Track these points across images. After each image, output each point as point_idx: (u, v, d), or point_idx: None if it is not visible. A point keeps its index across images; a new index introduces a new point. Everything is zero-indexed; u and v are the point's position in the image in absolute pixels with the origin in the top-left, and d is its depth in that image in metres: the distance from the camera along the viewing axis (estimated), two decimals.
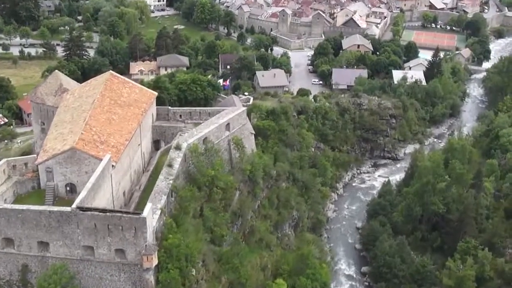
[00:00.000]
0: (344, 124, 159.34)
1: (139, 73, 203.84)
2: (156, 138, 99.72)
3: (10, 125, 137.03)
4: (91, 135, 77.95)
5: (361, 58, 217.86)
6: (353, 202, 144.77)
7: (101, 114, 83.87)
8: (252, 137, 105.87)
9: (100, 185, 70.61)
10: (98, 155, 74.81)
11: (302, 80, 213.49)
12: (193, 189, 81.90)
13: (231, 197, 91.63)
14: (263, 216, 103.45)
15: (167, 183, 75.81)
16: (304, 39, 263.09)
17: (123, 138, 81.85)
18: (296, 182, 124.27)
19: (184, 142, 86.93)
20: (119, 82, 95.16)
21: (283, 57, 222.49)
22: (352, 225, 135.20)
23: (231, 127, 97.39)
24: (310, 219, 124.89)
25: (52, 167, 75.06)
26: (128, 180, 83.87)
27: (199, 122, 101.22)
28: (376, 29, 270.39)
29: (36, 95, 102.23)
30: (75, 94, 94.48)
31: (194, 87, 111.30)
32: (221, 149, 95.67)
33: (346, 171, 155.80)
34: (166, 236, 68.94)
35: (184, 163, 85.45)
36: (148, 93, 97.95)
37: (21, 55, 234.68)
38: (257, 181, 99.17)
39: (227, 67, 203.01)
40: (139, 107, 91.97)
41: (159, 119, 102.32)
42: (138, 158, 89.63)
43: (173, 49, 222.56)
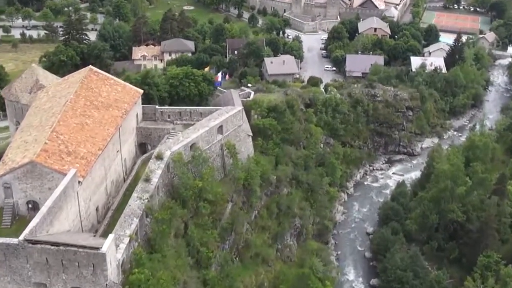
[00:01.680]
0: (356, 117, 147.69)
1: (142, 59, 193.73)
2: (141, 141, 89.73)
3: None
4: (57, 145, 68.09)
5: (377, 43, 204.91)
6: (364, 204, 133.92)
7: (73, 118, 73.94)
8: (250, 139, 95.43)
9: (61, 207, 60.91)
10: (63, 169, 65.00)
11: (314, 65, 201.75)
12: (174, 206, 72.01)
13: (221, 210, 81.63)
14: (260, 228, 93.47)
15: (140, 202, 65.77)
16: (319, 21, 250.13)
17: (96, 147, 71.87)
18: (301, 185, 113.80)
19: (167, 150, 76.81)
20: (99, 79, 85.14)
21: (295, 41, 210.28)
22: (362, 230, 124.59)
23: (225, 129, 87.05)
24: (316, 225, 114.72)
25: (10, 182, 65.44)
26: (103, 193, 74.13)
27: (189, 123, 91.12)
28: (395, 11, 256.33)
29: (10, 91, 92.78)
30: (49, 92, 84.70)
31: (187, 82, 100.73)
32: (213, 155, 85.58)
33: (358, 168, 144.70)
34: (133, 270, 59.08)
35: (167, 174, 75.49)
36: (132, 91, 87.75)
37: (22, 38, 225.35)
38: (254, 190, 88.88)
39: (234, 52, 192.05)
40: (119, 108, 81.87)
41: (146, 119, 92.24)
42: (117, 166, 79.74)
43: (179, 32, 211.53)
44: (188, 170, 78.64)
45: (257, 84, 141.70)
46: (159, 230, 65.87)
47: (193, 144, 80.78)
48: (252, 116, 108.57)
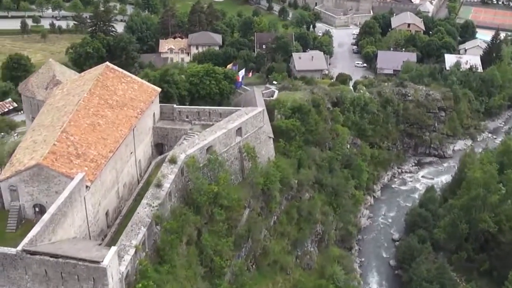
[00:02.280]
0: (385, 117, 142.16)
1: (168, 52, 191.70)
2: (157, 141, 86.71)
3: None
4: (66, 147, 65.32)
5: (410, 39, 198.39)
6: (391, 208, 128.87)
7: (85, 118, 71.10)
8: (271, 141, 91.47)
9: (66, 213, 58.10)
10: (70, 173, 62.21)
11: (345, 61, 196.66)
12: (187, 213, 68.70)
13: (237, 216, 78.02)
14: (279, 234, 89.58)
15: (149, 210, 62.57)
16: (351, 15, 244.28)
17: (107, 149, 68.94)
18: (325, 188, 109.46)
19: (182, 153, 73.41)
20: (115, 76, 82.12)
21: (325, 36, 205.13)
22: (388, 236, 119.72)
23: (244, 131, 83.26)
24: (339, 230, 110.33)
25: (17, 185, 62.96)
26: (113, 197, 71.25)
27: (208, 123, 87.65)
28: (430, 6, 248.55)
29: (26, 87, 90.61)
30: (64, 90, 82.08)
31: (207, 80, 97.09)
32: (231, 158, 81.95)
33: (386, 170, 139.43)
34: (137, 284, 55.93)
35: (181, 179, 72.16)
36: (149, 90, 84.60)
37: (51, 28, 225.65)
38: (273, 195, 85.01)
39: (262, 46, 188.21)
40: (134, 107, 78.81)
41: (164, 118, 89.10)
42: (130, 168, 76.82)
43: (207, 25, 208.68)
44: (204, 175, 75.23)
45: (283, 81, 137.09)
46: (168, 240, 62.59)
47: (210, 147, 77.23)
48: (275, 116, 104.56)
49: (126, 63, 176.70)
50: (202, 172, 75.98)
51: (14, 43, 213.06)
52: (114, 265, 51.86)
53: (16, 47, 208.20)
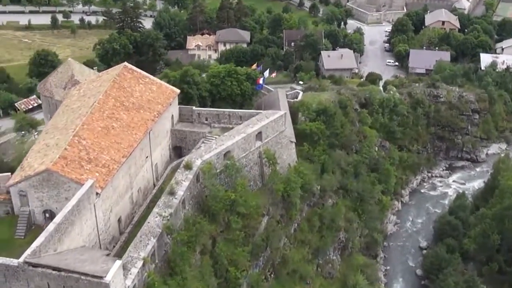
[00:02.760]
0: (416, 119, 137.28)
1: (196, 48, 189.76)
2: (176, 144, 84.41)
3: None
4: (77, 151, 63.38)
5: (445, 37, 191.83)
6: (420, 214, 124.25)
7: (99, 121, 69.11)
8: (293, 146, 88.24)
9: (73, 222, 56.15)
10: (80, 179, 60.22)
11: (376, 59, 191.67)
12: (201, 221, 66.14)
13: (255, 225, 75.18)
14: (299, 242, 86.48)
15: (160, 220, 60.14)
16: (383, 12, 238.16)
17: (120, 154, 66.81)
18: (350, 194, 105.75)
19: (198, 158, 70.84)
20: (133, 77, 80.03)
21: (356, 33, 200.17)
22: (415, 244, 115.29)
23: (264, 135, 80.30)
24: (364, 237, 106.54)
25: (26, 190, 61.34)
26: (127, 203, 69.17)
27: (227, 126, 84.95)
28: (466, 2, 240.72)
29: (45, 86, 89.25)
30: (80, 90, 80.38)
31: (229, 81, 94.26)
32: (250, 163, 79.11)
33: (415, 174, 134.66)
34: None
35: (196, 185, 69.63)
36: (167, 91, 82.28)
37: (81, 23, 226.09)
38: (293, 202, 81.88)
39: (291, 44, 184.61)
40: (151, 109, 76.55)
41: (183, 120, 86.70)
42: (145, 173, 74.68)
43: (236, 22, 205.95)
44: (220, 181, 72.67)
45: (310, 81, 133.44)
46: (179, 252, 60.08)
47: (228, 152, 74.51)
48: (299, 118, 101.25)
49: (153, 59, 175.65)
50: (219, 178, 73.47)
51: (44, 38, 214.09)
52: (119, 280, 49.63)
53: (46, 42, 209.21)
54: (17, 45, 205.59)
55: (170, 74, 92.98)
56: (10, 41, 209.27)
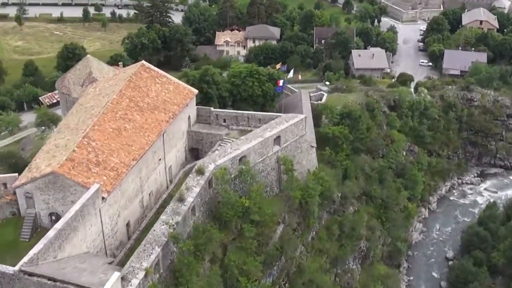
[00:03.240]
0: (447, 123, 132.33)
1: (224, 44, 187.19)
2: (192, 146, 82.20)
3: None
4: (86, 153, 61.63)
5: (482, 38, 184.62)
6: (447, 222, 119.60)
7: (111, 122, 67.30)
8: (313, 151, 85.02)
9: (76, 228, 54.37)
10: (87, 183, 58.46)
11: (409, 59, 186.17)
12: (211, 229, 63.61)
13: (269, 233, 72.40)
14: (317, 251, 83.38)
15: (167, 227, 57.84)
16: (419, 10, 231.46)
17: (131, 157, 64.83)
18: (373, 200, 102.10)
19: (211, 163, 68.34)
20: (150, 76, 78.06)
21: (389, 32, 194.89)
22: (441, 254, 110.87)
23: (283, 140, 77.31)
24: (387, 246, 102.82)
25: (32, 192, 59.95)
26: (136, 207, 67.25)
27: (246, 129, 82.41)
28: (507, 2, 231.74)
29: (63, 83, 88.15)
30: (96, 89, 78.95)
31: (250, 82, 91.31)
32: (267, 169, 76.29)
33: (444, 180, 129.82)
34: None
35: (208, 191, 67.16)
36: (185, 91, 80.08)
37: (112, 17, 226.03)
38: (311, 210, 78.76)
39: (321, 42, 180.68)
40: (167, 110, 74.44)
41: (201, 121, 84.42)
42: (158, 176, 72.64)
43: (266, 18, 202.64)
44: (235, 186, 70.13)
45: (337, 82, 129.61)
46: (185, 262, 57.69)
47: (243, 157, 71.82)
48: (323, 121, 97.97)
49: (181, 55, 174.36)
50: (234, 184, 70.91)
51: (75, 31, 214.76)
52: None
53: (77, 35, 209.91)
54: (48, 37, 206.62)
55: (190, 73, 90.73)
56: (41, 33, 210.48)
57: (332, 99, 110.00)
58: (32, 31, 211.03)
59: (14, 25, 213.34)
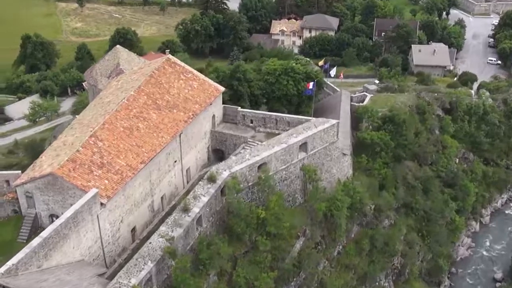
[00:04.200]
0: (508, 130, 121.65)
1: (280, 34, 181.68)
2: (216, 147, 77.97)
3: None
4: (90, 154, 58.52)
5: None
6: (499, 239, 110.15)
7: (123, 120, 63.93)
8: (346, 159, 78.74)
9: (67, 236, 51.31)
10: (86, 186, 55.33)
11: (476, 56, 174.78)
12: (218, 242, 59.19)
13: (286, 247, 67.28)
14: (343, 267, 77.40)
15: (164, 241, 53.82)
16: (493, 2, 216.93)
17: (139, 159, 61.24)
18: (415, 212, 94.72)
19: (226, 170, 63.75)
20: (174, 72, 74.22)
21: (456, 26, 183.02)
22: (489, 274, 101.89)
23: (310, 147, 71.63)
24: (427, 261, 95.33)
25: (32, 192, 57.54)
26: (145, 211, 63.85)
27: (273, 132, 77.39)
28: None
29: (91, 73, 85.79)
30: (119, 82, 75.88)
31: (285, 80, 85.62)
32: (291, 177, 70.94)
33: (500, 192, 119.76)
34: None
35: (220, 200, 62.71)
36: (210, 89, 75.71)
37: (171, 1, 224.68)
38: (338, 224, 72.88)
39: (381, 34, 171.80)
40: (187, 109, 70.37)
41: (228, 120, 79.98)
42: (174, 179, 68.95)
43: (326, 7, 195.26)
44: (252, 195, 65.41)
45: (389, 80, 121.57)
46: (180, 280, 53.51)
47: (263, 164, 66.82)
48: (363, 125, 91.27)
49: (234, 43, 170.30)
50: (252, 192, 66.18)
51: (134, 14, 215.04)
52: None
53: (135, 18, 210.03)
54: (107, 20, 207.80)
55: (221, 68, 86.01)
56: (101, 15, 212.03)
57: (379, 100, 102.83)
58: (92, 13, 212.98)
59: (76, 7, 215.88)
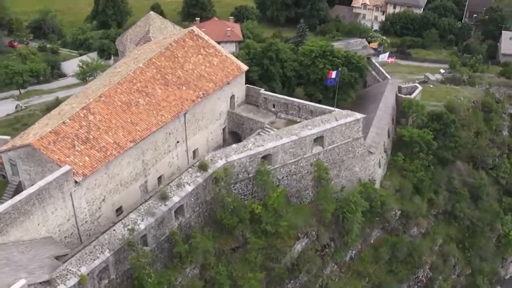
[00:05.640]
0: None
1: (361, 7, 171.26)
2: (232, 129, 73.39)
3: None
4: (76, 127, 55.97)
5: None
6: None
7: (123, 94, 60.86)
8: (373, 157, 71.30)
9: (29, 212, 49.12)
10: (63, 162, 52.98)
11: None
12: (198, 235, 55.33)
13: (282, 247, 62.17)
14: (355, 273, 71.14)
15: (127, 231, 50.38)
16: None
17: (129, 138, 57.97)
18: (459, 221, 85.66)
19: (222, 158, 59.22)
20: (194, 45, 70.10)
21: None
22: None
23: (328, 141, 65.28)
24: (464, 277, 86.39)
25: (15, 160, 56.23)
26: (135, 192, 60.80)
27: (295, 119, 71.54)
28: None
29: (121, 39, 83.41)
30: (139, 51, 72.87)
31: (321, 63, 78.16)
32: (301, 171, 65.20)
33: None
34: None
35: (212, 188, 58.47)
36: (231, 67, 70.88)
37: None
38: (350, 228, 66.46)
39: (472, 16, 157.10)
40: (198, 88, 66.12)
41: (250, 102, 74.97)
42: (175, 160, 65.43)
43: None
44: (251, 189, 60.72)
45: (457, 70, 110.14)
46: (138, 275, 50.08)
47: (268, 155, 61.59)
48: (409, 120, 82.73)
49: (311, 14, 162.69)
50: (252, 184, 61.41)
51: None
52: None
53: None
54: None
55: (252, 44, 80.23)
56: None
57: (437, 92, 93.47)
58: None
59: None
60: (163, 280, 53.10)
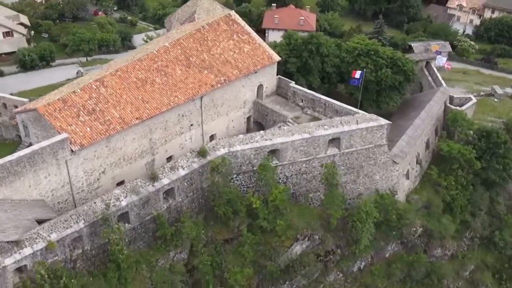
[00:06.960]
0: None
1: (457, 8, 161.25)
2: (257, 119, 71.91)
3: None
4: (86, 98, 57.26)
5: None
6: None
7: (140, 71, 61.50)
8: (396, 167, 66.93)
9: (19, 173, 50.95)
10: (64, 129, 54.40)
11: None
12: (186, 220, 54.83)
13: (278, 247, 60.24)
14: (363, 286, 67.57)
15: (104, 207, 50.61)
16: None
17: (136, 115, 58.43)
18: (499, 249, 78.91)
19: (225, 147, 58.15)
20: (227, 30, 69.42)
21: None
22: None
23: (346, 144, 62.18)
24: None
25: (27, 123, 58.52)
26: (140, 168, 61.29)
27: (320, 117, 68.79)
28: None
29: (169, 18, 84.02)
30: (177, 31, 73.09)
31: (363, 62, 73.61)
32: (312, 172, 62.69)
33: None
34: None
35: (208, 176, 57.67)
36: (262, 56, 69.47)
37: None
38: (359, 238, 63.05)
39: None
40: (220, 73, 65.37)
41: (280, 93, 73.03)
42: (188, 142, 65.30)
43: None
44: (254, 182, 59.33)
45: None
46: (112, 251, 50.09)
47: (276, 150, 59.72)
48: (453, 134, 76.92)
49: (400, 11, 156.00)
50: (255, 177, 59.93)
51: None
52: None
53: None
54: None
55: (294, 35, 77.42)
56: None
57: (500, 107, 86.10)
58: None
59: None
60: (141, 259, 53.37)
